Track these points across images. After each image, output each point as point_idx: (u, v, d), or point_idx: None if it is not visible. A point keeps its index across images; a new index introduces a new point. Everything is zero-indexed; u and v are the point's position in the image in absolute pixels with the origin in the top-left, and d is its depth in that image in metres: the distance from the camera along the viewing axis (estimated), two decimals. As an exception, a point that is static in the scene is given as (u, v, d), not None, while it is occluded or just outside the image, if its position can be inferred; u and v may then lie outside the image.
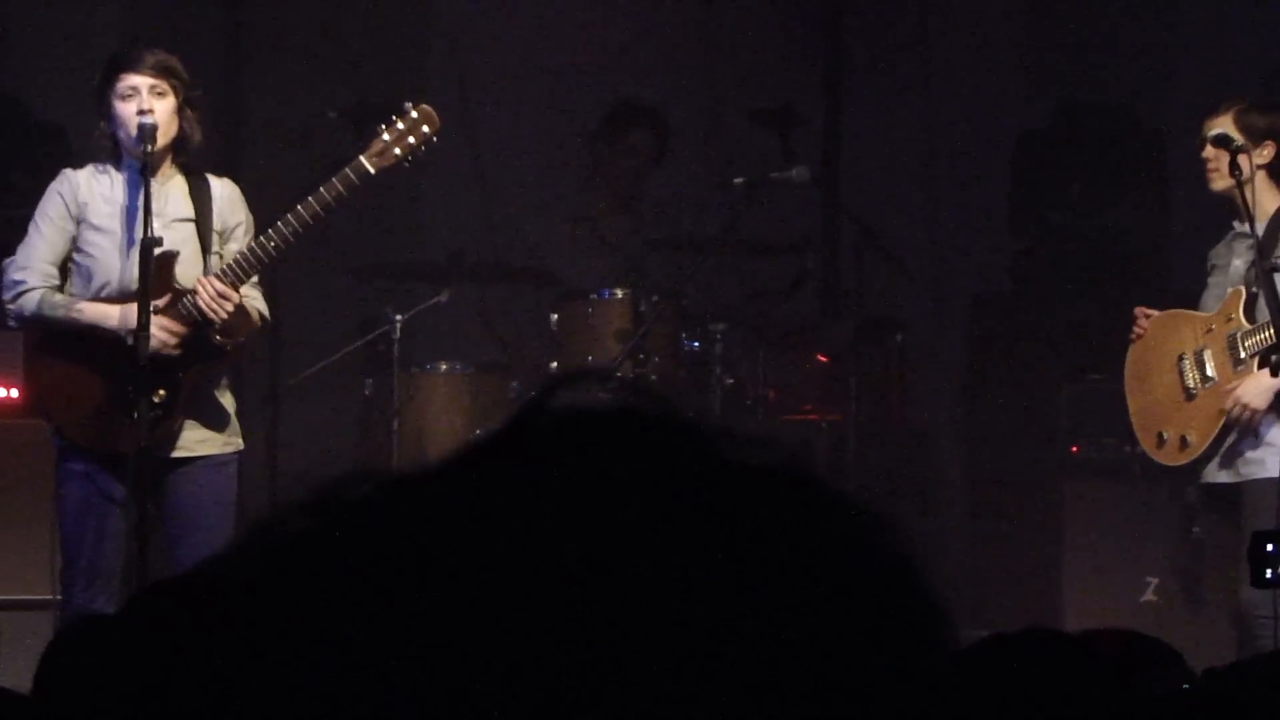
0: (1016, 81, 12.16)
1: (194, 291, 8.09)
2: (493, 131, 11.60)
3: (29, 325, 8.26)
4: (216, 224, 8.32)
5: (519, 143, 11.76)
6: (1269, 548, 6.40)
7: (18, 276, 8.20)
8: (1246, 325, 8.76)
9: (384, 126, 8.45)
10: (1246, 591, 7.89)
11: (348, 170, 8.27)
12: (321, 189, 8.21)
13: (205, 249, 8.28)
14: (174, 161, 8.27)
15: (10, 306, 8.24)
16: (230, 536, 7.84)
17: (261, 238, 8.21)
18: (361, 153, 8.36)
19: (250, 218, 8.42)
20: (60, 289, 8.20)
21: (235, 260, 8.19)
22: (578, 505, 1.19)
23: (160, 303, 8.06)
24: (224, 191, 8.40)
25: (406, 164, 8.48)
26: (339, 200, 8.24)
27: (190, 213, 8.29)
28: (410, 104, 8.58)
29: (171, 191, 8.26)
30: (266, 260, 8.22)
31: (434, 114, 8.52)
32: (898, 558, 1.25)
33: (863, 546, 1.24)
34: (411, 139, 8.44)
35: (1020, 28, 12.26)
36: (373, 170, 8.33)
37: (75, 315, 8.10)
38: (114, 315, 8.10)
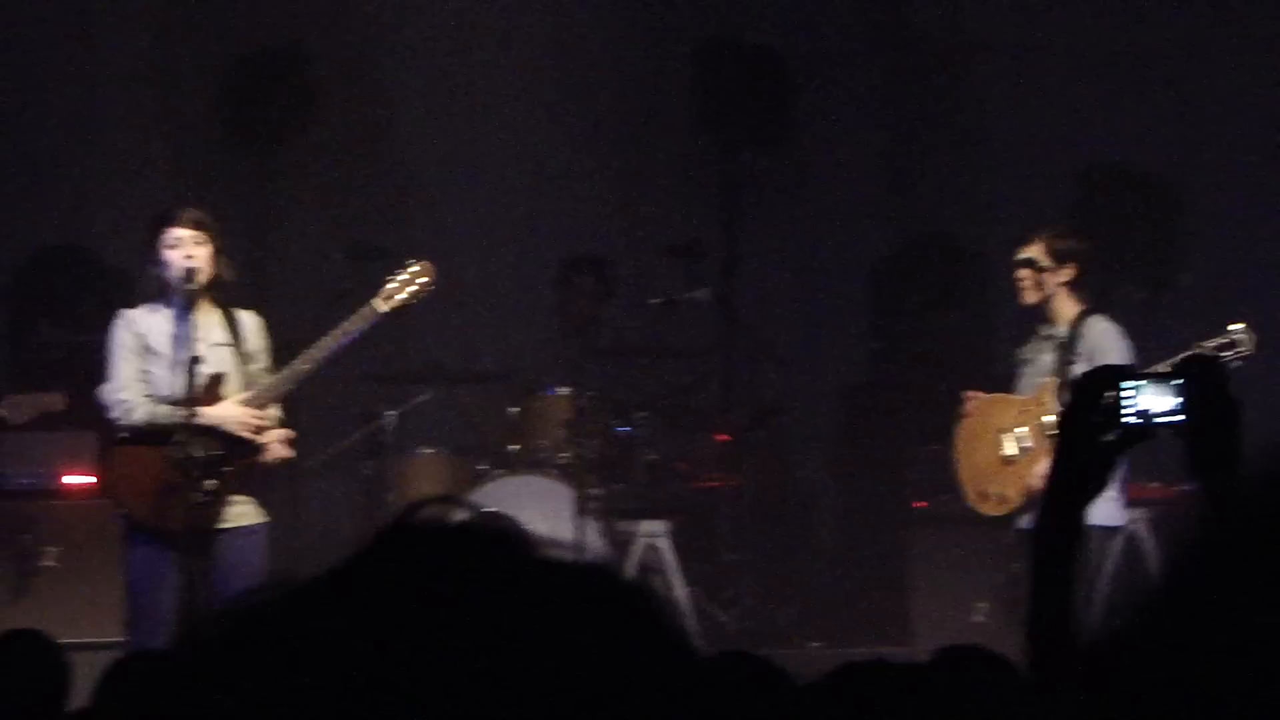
0: (870, 218, 12.13)
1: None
2: (462, 265, 11.39)
3: (138, 431, 8.09)
4: (246, 348, 8.29)
5: (483, 273, 11.74)
6: None
7: (122, 397, 8.09)
8: (1056, 408, 8.66)
9: (391, 277, 8.44)
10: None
11: (365, 309, 8.29)
12: (344, 323, 8.24)
13: (241, 367, 8.26)
14: (211, 298, 8.21)
15: (123, 421, 8.10)
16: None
17: (296, 362, 8.21)
18: (374, 296, 8.36)
19: (268, 342, 8.39)
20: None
21: (279, 379, 8.22)
22: (427, 601, 1.21)
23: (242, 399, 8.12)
24: (250, 323, 8.33)
25: (410, 305, 8.45)
26: (358, 332, 8.26)
27: (228, 339, 8.24)
28: (413, 260, 8.53)
29: (212, 323, 8.19)
30: (303, 378, 8.25)
31: (431, 267, 8.48)
32: (684, 640, 1.26)
33: (655, 632, 1.25)
34: (413, 287, 8.41)
35: (872, 176, 12.24)
36: (383, 310, 8.33)
37: (181, 418, 8.00)
38: (208, 415, 8.05)
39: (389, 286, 8.40)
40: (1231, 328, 8.43)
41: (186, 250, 8.07)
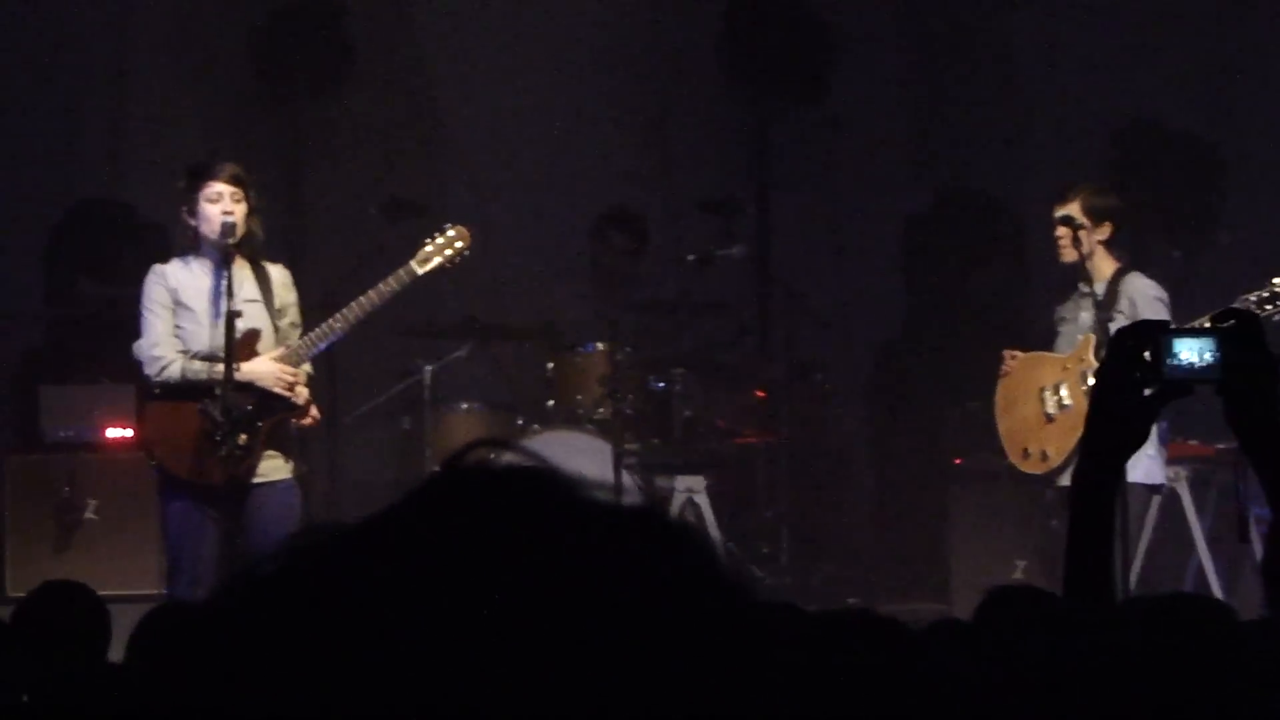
0: (904, 175, 12.10)
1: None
2: (497, 221, 11.50)
3: (172, 387, 8.10)
4: (276, 303, 8.27)
5: (518, 229, 11.73)
6: None
7: (156, 353, 8.10)
8: (1096, 364, 8.61)
9: (429, 240, 8.50)
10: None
11: (401, 271, 8.34)
12: (380, 284, 8.25)
13: (272, 322, 8.26)
14: (241, 253, 8.19)
15: (157, 378, 8.13)
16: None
17: (331, 320, 8.21)
18: (411, 258, 8.42)
19: (297, 296, 8.40)
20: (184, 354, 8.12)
21: (311, 338, 8.22)
22: (474, 544, 1.20)
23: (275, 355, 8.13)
24: (279, 277, 8.32)
25: (446, 269, 8.54)
26: (393, 294, 8.27)
27: (258, 295, 8.22)
28: (450, 224, 8.62)
29: (244, 277, 8.19)
30: (336, 339, 8.26)
31: (467, 232, 8.56)
32: (731, 581, 1.25)
33: (702, 572, 1.24)
34: (449, 251, 8.50)
35: (906, 132, 12.21)
36: (420, 272, 8.41)
37: (215, 375, 8.01)
38: (243, 371, 8.04)
39: (426, 250, 8.47)
40: (1275, 280, 8.41)
41: (225, 206, 8.06)
